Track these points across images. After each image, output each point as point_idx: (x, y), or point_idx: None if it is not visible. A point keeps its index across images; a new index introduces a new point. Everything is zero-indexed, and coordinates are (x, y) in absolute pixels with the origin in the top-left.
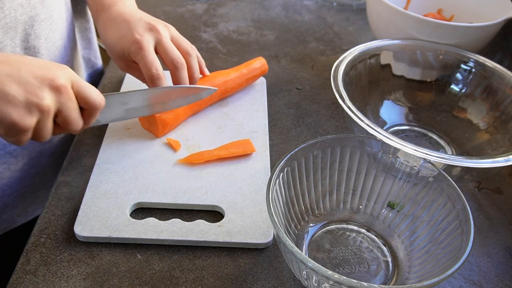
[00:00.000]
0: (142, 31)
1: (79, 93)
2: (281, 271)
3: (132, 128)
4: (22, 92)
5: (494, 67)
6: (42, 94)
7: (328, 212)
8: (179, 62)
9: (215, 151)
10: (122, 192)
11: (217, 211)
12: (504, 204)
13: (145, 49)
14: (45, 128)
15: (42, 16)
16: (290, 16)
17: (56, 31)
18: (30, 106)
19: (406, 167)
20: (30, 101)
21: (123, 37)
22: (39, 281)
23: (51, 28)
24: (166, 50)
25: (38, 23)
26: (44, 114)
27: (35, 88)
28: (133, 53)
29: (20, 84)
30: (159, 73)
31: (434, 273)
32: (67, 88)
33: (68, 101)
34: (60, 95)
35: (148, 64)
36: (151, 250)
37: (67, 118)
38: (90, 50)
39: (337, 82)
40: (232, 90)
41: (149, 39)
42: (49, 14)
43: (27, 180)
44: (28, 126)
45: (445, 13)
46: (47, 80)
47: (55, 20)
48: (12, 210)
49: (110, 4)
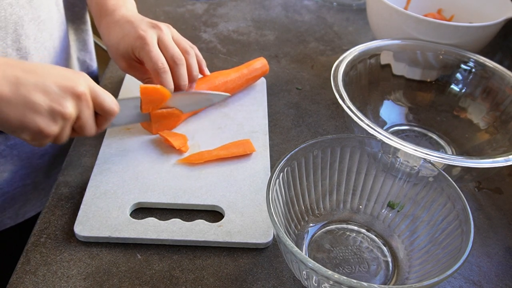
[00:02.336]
0: (146, 28)
1: (96, 100)
2: (281, 271)
3: (132, 128)
4: (48, 101)
5: (494, 67)
6: (65, 102)
7: (328, 212)
8: (179, 58)
9: (215, 151)
10: (122, 192)
11: (217, 211)
12: (504, 204)
13: (149, 43)
14: (64, 133)
15: (30, 16)
16: (290, 16)
17: (45, 32)
18: (54, 114)
19: (406, 167)
20: (55, 109)
21: (126, 34)
22: (39, 281)
23: (39, 28)
24: (167, 47)
25: (27, 23)
26: (66, 121)
27: (59, 97)
28: (138, 49)
29: (45, 93)
30: (165, 66)
31: (434, 273)
32: (87, 95)
33: (86, 108)
34: (80, 102)
35: (154, 58)
36: (151, 250)
37: (83, 124)
38: (85, 52)
39: (337, 82)
40: (232, 90)
41: (152, 35)
42: (36, 14)
43: (18, 181)
44: (53, 133)
45: (445, 13)
46: (69, 89)
47: (44, 21)
48: (2, 212)
49: (113, 9)
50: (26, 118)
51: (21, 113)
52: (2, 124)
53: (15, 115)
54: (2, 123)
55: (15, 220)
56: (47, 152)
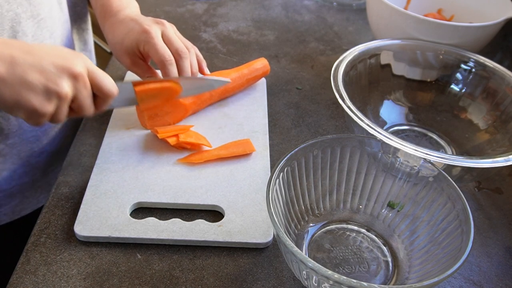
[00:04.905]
0: (150, 23)
1: (94, 81)
2: (281, 271)
3: (132, 128)
4: (43, 80)
5: (494, 67)
6: (61, 82)
7: (328, 212)
8: (183, 51)
9: (215, 151)
10: (122, 191)
11: (217, 211)
12: (504, 204)
13: (154, 37)
14: (61, 112)
15: (28, 13)
16: (290, 16)
17: (44, 30)
18: (50, 93)
19: (406, 167)
20: (50, 88)
21: (131, 30)
22: (39, 281)
23: (38, 26)
24: (171, 40)
25: (25, 20)
26: (62, 101)
27: (55, 77)
28: (143, 43)
29: (42, 73)
30: (171, 58)
31: (434, 273)
32: (84, 76)
33: (83, 88)
34: (76, 83)
35: (161, 51)
36: (151, 250)
37: (81, 104)
38: (85, 51)
39: (337, 82)
40: (232, 90)
41: (156, 29)
42: (36, 12)
43: (16, 179)
44: (48, 111)
45: (445, 13)
46: (66, 69)
47: (44, 19)
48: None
49: (118, 10)
50: (21, 97)
51: (16, 92)
52: None
53: (10, 94)
54: None
55: (11, 217)
56: (45, 150)
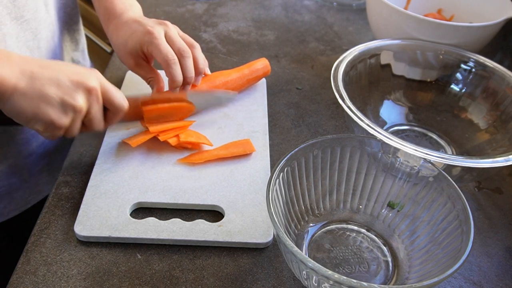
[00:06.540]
0: (153, 24)
1: (106, 95)
2: (281, 271)
3: (132, 128)
4: (60, 93)
5: (494, 67)
6: (77, 96)
7: (328, 212)
8: (186, 51)
9: (215, 151)
10: (122, 191)
11: (217, 211)
12: (504, 204)
13: (158, 37)
14: (75, 126)
15: (12, 15)
16: (290, 16)
17: (28, 31)
18: (66, 106)
19: (406, 167)
20: (66, 101)
21: (134, 31)
22: (39, 281)
23: (21, 27)
24: (173, 40)
25: (9, 22)
26: (77, 114)
27: (71, 91)
28: (147, 43)
29: (58, 86)
30: (175, 58)
31: (434, 273)
32: (97, 90)
33: (95, 103)
34: (90, 97)
35: (164, 51)
36: (151, 250)
37: (92, 118)
38: (77, 51)
39: (337, 82)
40: (232, 90)
41: (159, 30)
42: (20, 13)
43: (3, 180)
44: (64, 124)
45: (445, 13)
46: (81, 83)
47: (27, 20)
48: None
49: (121, 12)
50: (39, 109)
51: (35, 105)
52: (18, 115)
53: (30, 106)
54: (17, 114)
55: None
56: (34, 152)
